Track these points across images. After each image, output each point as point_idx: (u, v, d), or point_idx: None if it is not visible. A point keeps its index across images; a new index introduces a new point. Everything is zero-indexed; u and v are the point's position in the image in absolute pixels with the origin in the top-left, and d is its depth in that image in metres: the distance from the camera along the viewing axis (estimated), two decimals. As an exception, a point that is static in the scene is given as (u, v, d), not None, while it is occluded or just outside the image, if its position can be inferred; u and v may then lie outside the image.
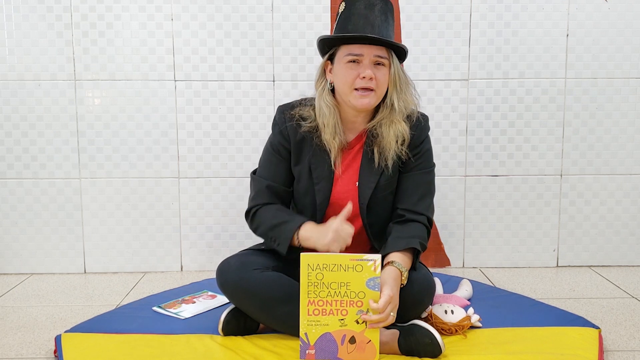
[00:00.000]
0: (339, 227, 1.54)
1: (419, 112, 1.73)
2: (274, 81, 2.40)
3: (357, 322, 1.49)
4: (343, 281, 1.47)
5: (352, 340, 1.50)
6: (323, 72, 1.70)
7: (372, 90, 1.61)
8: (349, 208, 1.58)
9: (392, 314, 1.49)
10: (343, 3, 1.66)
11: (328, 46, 1.68)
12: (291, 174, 1.76)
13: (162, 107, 2.40)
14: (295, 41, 2.37)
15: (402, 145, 1.66)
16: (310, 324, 1.49)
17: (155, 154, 2.42)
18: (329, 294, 1.48)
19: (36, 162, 2.41)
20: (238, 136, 2.42)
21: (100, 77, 2.38)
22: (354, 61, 1.61)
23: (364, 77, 1.59)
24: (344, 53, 1.62)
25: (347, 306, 1.48)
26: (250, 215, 1.74)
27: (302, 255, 1.47)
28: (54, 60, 2.37)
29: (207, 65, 2.39)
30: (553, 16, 2.39)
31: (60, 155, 2.41)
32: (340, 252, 1.54)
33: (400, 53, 1.66)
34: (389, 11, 1.64)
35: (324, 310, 1.49)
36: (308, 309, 1.49)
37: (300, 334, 1.50)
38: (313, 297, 1.48)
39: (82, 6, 2.35)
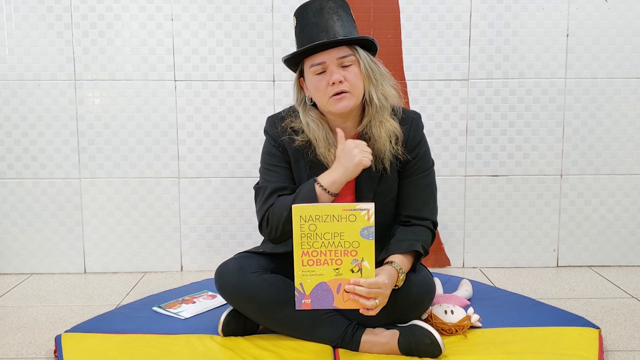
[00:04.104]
0: (356, 143, 1.54)
1: (411, 110, 1.71)
2: (274, 81, 2.40)
3: (352, 271, 1.46)
4: (337, 231, 1.45)
5: None
6: (300, 88, 1.67)
7: (347, 92, 1.56)
8: (340, 133, 1.58)
9: (376, 300, 1.46)
10: (294, 18, 1.64)
11: (294, 64, 1.65)
12: (293, 178, 1.73)
13: (162, 107, 2.40)
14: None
15: (396, 144, 1.63)
16: (305, 274, 1.46)
17: (155, 154, 2.42)
18: (323, 245, 1.45)
19: (36, 162, 2.41)
20: (238, 136, 2.42)
21: (100, 77, 2.38)
22: (321, 71, 1.58)
23: (333, 83, 1.55)
24: (308, 66, 1.59)
25: (341, 256, 1.46)
26: (265, 221, 1.63)
27: (294, 206, 1.44)
28: (54, 60, 2.37)
29: (207, 65, 2.39)
30: (553, 16, 2.39)
31: (60, 155, 2.41)
32: (334, 201, 1.55)
33: (368, 45, 1.61)
34: (340, 7, 1.60)
35: (318, 261, 1.46)
36: (302, 260, 1.46)
37: (295, 284, 1.47)
38: (307, 247, 1.45)
39: (82, 6, 2.35)
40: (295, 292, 1.48)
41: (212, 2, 2.36)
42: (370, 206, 1.45)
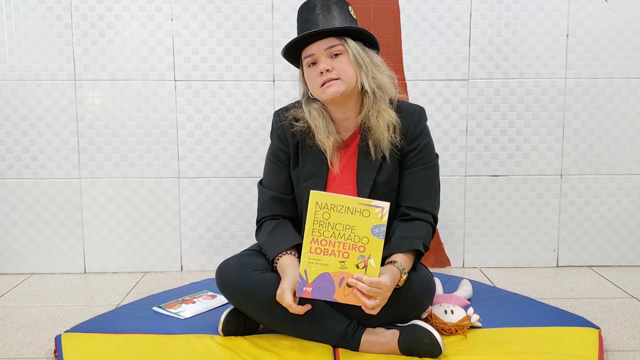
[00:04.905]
0: (280, 294, 1.54)
1: (414, 104, 1.73)
2: (274, 81, 2.40)
3: (357, 267, 1.47)
4: (349, 224, 1.46)
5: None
6: (304, 82, 1.71)
7: (335, 79, 1.60)
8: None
9: (377, 300, 1.47)
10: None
11: (295, 59, 1.71)
12: (291, 180, 1.77)
13: (162, 107, 2.40)
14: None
15: (394, 133, 1.65)
16: (311, 261, 1.48)
17: (155, 154, 2.42)
18: (333, 235, 1.47)
19: (36, 162, 2.41)
20: (238, 136, 2.42)
21: (100, 77, 2.38)
22: (313, 63, 1.63)
23: (321, 73, 1.60)
24: (303, 59, 1.66)
25: (349, 249, 1.47)
26: (257, 227, 1.78)
27: (312, 192, 1.47)
28: (54, 60, 2.37)
29: (207, 65, 2.39)
30: (553, 16, 2.39)
31: (60, 155, 2.41)
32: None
33: (364, 38, 1.65)
34: (334, 4, 1.64)
35: (325, 250, 1.48)
36: (311, 247, 1.48)
37: (299, 271, 1.49)
38: (317, 235, 1.47)
39: (82, 6, 2.35)
40: (298, 279, 1.49)
41: (212, 2, 2.36)
42: (386, 205, 1.46)
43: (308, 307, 1.52)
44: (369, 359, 1.54)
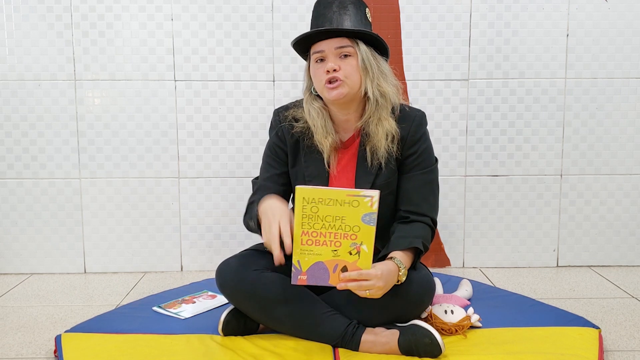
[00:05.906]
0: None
1: (415, 108, 1.72)
2: (274, 81, 2.40)
3: (350, 254, 1.46)
4: (338, 215, 1.45)
5: (344, 269, 1.47)
6: (309, 77, 1.71)
7: (340, 80, 1.60)
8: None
9: (367, 292, 1.47)
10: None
11: (303, 52, 1.71)
12: (289, 177, 1.76)
13: (162, 107, 2.40)
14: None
15: (392, 142, 1.65)
16: (303, 252, 1.47)
17: (155, 154, 2.42)
18: (324, 226, 1.45)
19: (36, 162, 2.41)
20: (238, 136, 2.42)
21: (100, 77, 2.38)
22: (321, 59, 1.62)
23: (328, 71, 1.60)
24: (311, 53, 1.65)
25: (341, 238, 1.46)
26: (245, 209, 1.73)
27: (297, 187, 1.44)
28: (54, 60, 2.37)
29: (207, 65, 2.39)
30: (553, 16, 2.39)
31: (60, 155, 2.41)
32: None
33: (375, 43, 1.65)
34: (352, 3, 1.64)
35: (317, 241, 1.47)
36: (302, 239, 1.46)
37: (293, 261, 1.48)
38: (307, 228, 1.46)
39: (82, 6, 2.35)
40: (292, 269, 1.48)
41: (212, 2, 2.36)
42: (375, 193, 1.44)
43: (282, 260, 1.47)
44: (369, 359, 1.54)
